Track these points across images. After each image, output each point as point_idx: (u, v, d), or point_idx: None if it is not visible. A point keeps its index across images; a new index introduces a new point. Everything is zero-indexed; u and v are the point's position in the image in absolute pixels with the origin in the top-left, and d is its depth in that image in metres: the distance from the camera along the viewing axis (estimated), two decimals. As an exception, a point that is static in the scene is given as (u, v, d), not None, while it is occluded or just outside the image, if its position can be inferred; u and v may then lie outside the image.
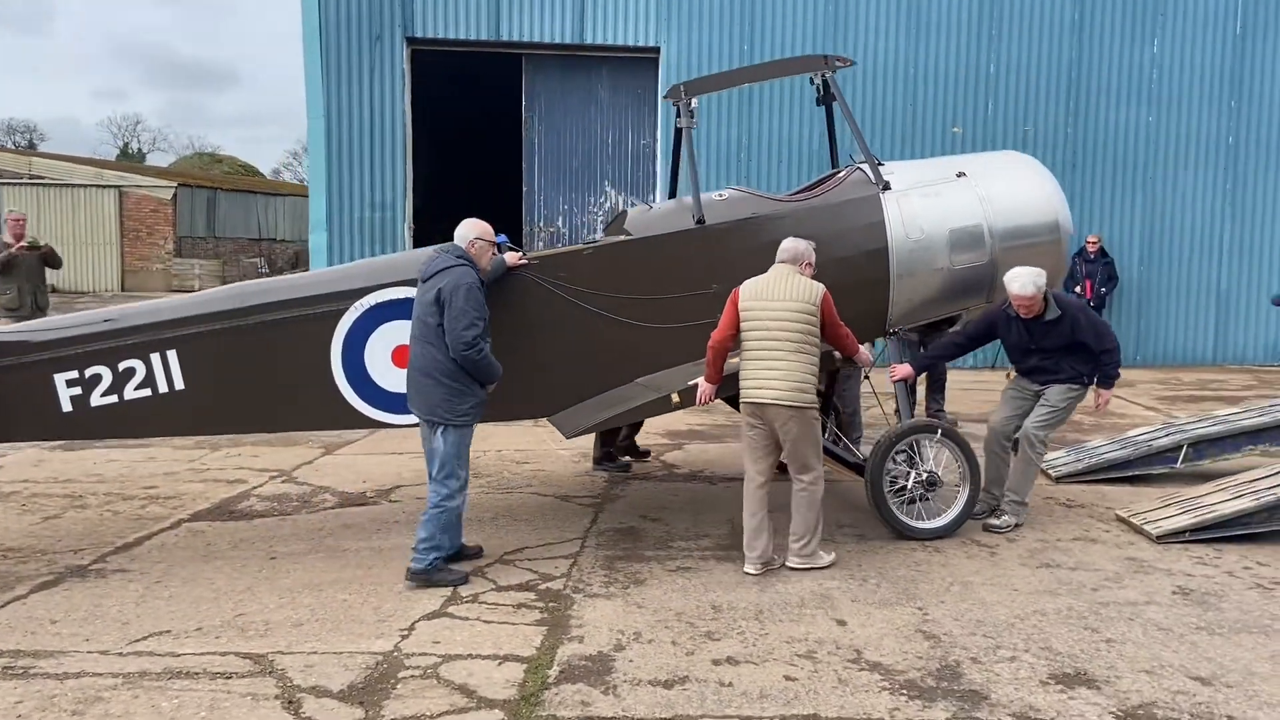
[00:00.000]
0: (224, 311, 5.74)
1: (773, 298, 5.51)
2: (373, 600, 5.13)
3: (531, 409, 6.43)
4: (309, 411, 5.95)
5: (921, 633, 4.72)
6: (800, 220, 6.30)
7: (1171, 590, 5.34)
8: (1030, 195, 6.64)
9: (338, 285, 5.94)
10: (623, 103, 14.86)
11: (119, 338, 5.55)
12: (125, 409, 5.55)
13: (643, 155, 14.93)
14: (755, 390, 5.52)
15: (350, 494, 7.31)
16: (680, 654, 4.47)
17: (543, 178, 14.91)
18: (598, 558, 5.82)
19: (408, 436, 9.23)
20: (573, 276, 6.10)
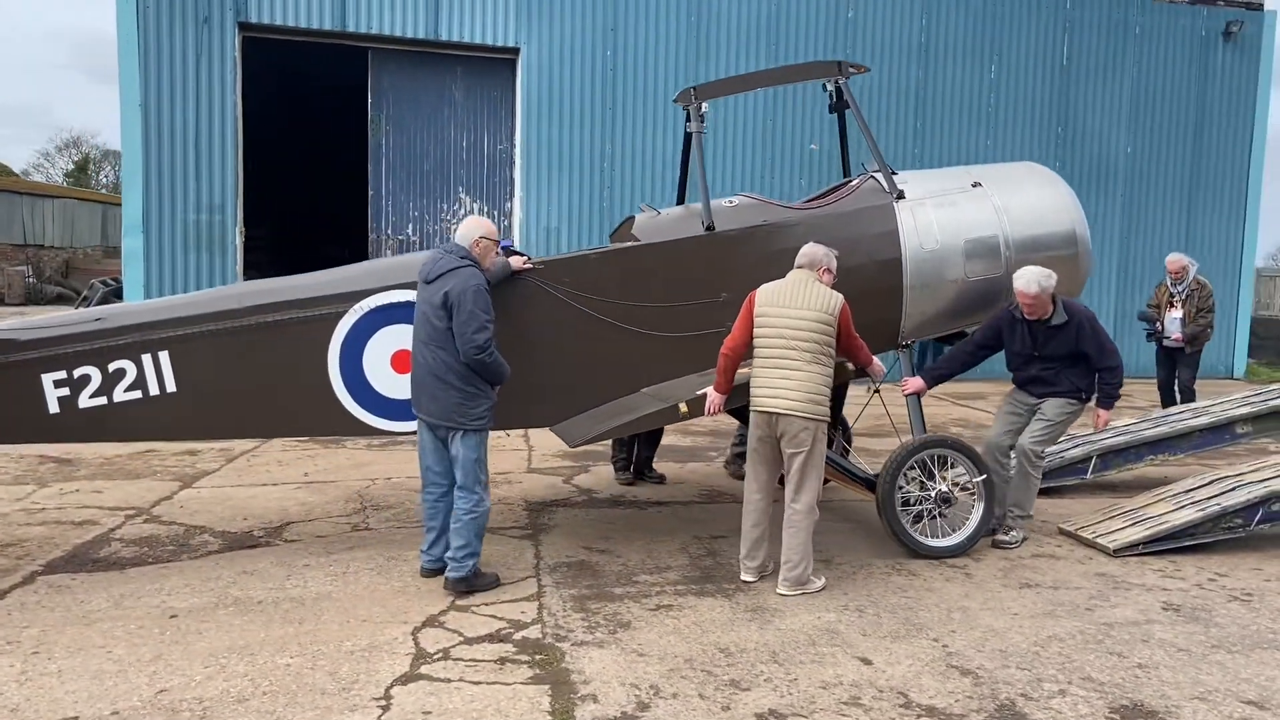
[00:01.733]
0: (219, 312, 5.48)
1: (791, 305, 5.25)
2: (323, 663, 4.30)
3: (534, 418, 6.01)
4: (304, 417, 5.67)
5: (955, 669, 4.37)
6: (812, 228, 6.09)
7: (1161, 607, 5.24)
8: (1047, 206, 6.55)
9: (337, 287, 5.66)
10: (478, 105, 14.10)
11: (109, 337, 5.30)
12: (115, 411, 5.30)
13: (500, 161, 14.21)
14: (768, 399, 5.22)
15: (234, 534, 6.30)
16: (715, 709, 3.93)
17: (392, 181, 13.92)
18: (564, 598, 5.18)
19: (282, 464, 8.30)
20: (579, 282, 5.85)
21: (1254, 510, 6.25)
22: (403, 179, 14.00)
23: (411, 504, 7.07)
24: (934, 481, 5.92)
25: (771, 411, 5.24)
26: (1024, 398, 6.32)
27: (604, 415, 5.81)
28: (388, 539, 6.19)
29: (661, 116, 14.05)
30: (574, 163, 13.96)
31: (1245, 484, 6.44)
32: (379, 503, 7.10)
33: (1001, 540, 6.15)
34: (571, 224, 13.96)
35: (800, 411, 5.18)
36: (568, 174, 13.96)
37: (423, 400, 5.17)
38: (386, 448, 9.10)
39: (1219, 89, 16.41)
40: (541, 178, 13.91)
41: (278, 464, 8.36)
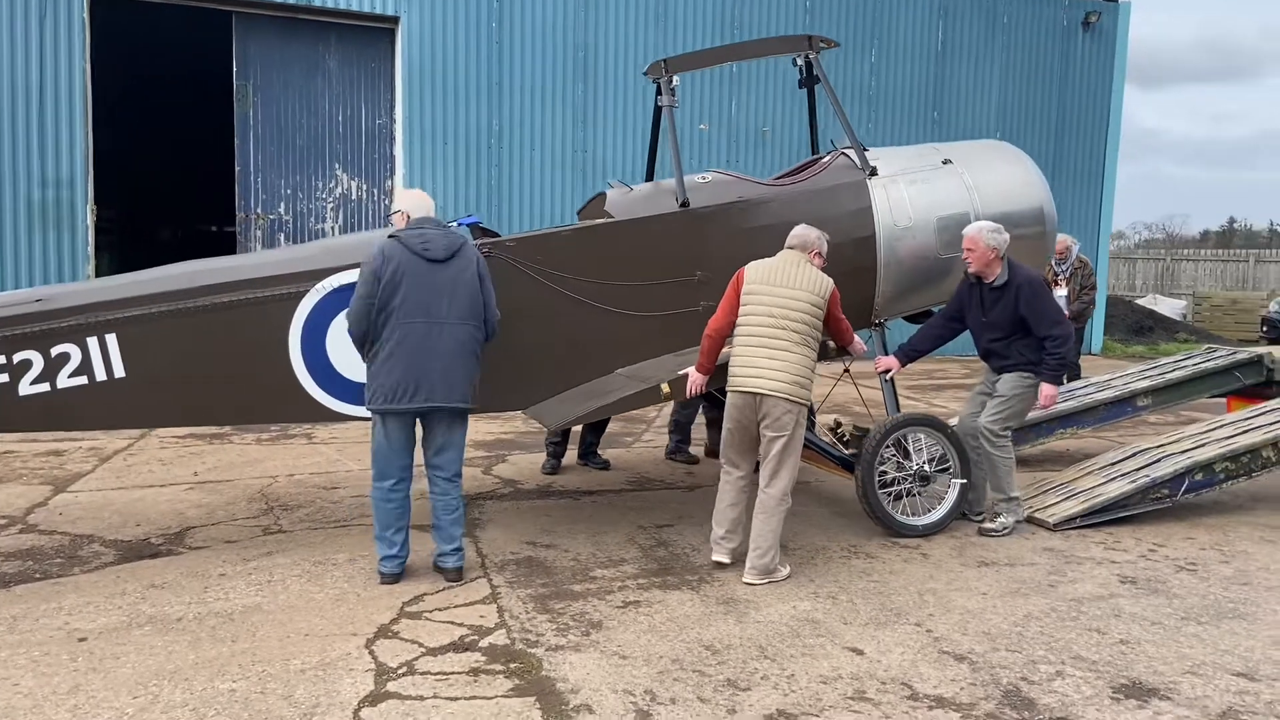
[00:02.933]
0: (171, 292, 5.11)
1: (781, 284, 5.09)
2: (273, 686, 3.82)
3: (506, 401, 5.69)
4: (263, 403, 5.32)
5: (948, 655, 4.23)
6: (787, 205, 5.96)
7: (1119, 580, 5.26)
8: (1015, 183, 6.51)
9: (297, 265, 5.33)
10: (355, 76, 13.35)
11: (51, 319, 4.92)
12: (58, 399, 4.91)
13: (379, 136, 13.50)
14: (752, 379, 5.03)
15: (128, 543, 5.66)
16: (720, 713, 3.67)
17: (261, 157, 13.03)
18: (522, 599, 4.81)
19: (165, 462, 7.57)
20: (551, 260, 5.56)
21: (1179, 481, 6.39)
22: (273, 154, 13.13)
23: (324, 502, 6.54)
24: (910, 461, 5.82)
25: (754, 392, 5.04)
26: (989, 374, 6.25)
27: (580, 397, 5.56)
28: (307, 541, 5.67)
29: (553, 91, 13.65)
30: (460, 139, 13.40)
31: (1168, 455, 6.59)
32: (286, 502, 6.53)
33: (988, 529, 5.95)
34: (459, 203, 13.39)
35: (785, 394, 5.00)
36: (454, 151, 13.40)
37: (433, 383, 4.78)
38: (278, 441, 8.46)
39: (1079, 77, 17.10)
40: (426, 155, 13.30)
41: (160, 463, 7.63)
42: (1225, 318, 23.46)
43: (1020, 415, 6.04)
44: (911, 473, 5.85)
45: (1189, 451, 6.60)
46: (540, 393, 5.69)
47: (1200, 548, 5.89)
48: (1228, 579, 5.32)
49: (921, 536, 5.87)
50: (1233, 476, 6.53)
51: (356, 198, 13.53)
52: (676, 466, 7.83)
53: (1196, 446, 6.67)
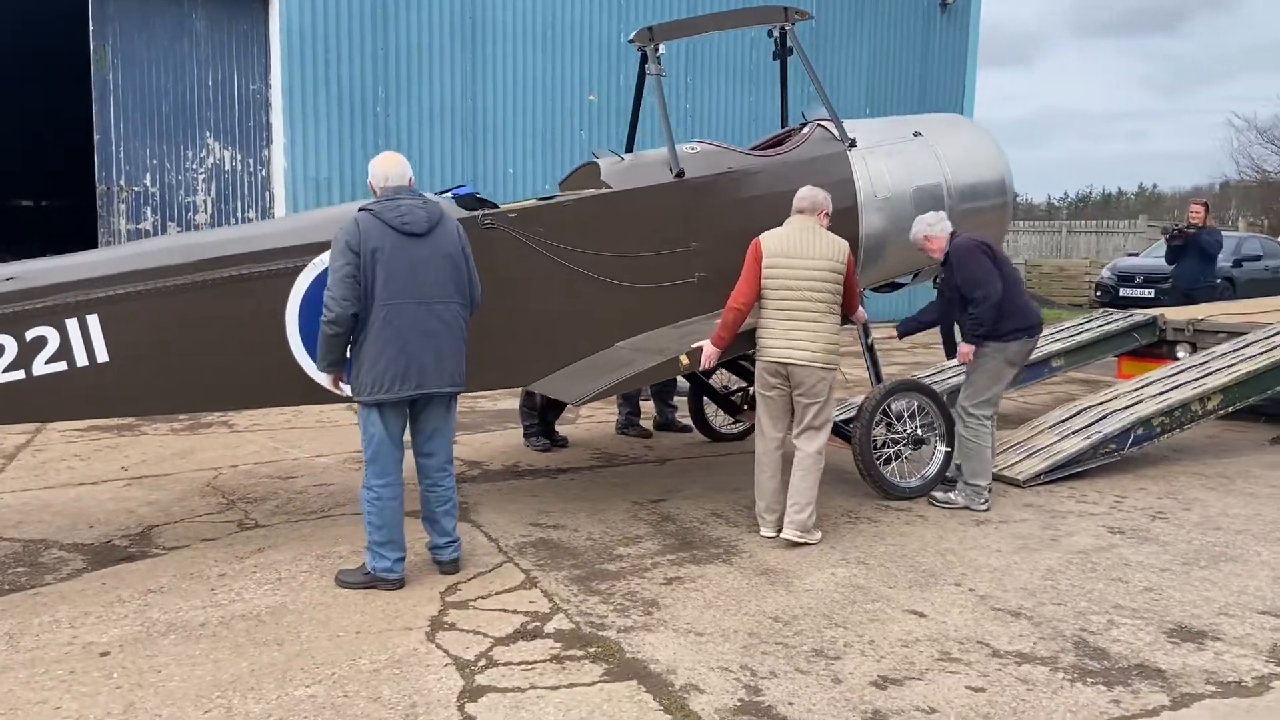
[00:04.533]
0: (157, 269, 4.70)
1: (802, 254, 5.08)
2: (353, 689, 3.55)
3: (508, 377, 5.51)
4: (259, 387, 4.97)
5: (1003, 612, 4.36)
6: (774, 175, 5.99)
7: (1108, 531, 5.55)
8: (980, 155, 6.69)
9: (291, 239, 4.97)
10: (225, 38, 12.48)
11: (25, 299, 4.47)
12: (34, 387, 4.48)
13: (253, 102, 12.69)
14: (785, 350, 5.05)
15: (91, 546, 5.14)
16: (826, 683, 3.65)
17: (123, 125, 12.03)
18: (561, 581, 4.66)
19: (82, 457, 6.91)
20: (551, 232, 5.37)
21: (1125, 436, 6.80)
22: (137, 121, 12.15)
23: (287, 493, 6.14)
24: (902, 425, 5.92)
25: (787, 362, 5.04)
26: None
27: (591, 371, 5.39)
28: (295, 536, 5.30)
29: (440, 58, 13.16)
30: (344, 106, 12.75)
31: (1114, 412, 7.00)
32: (246, 495, 6.08)
33: (934, 497, 5.96)
34: (345, 175, 12.76)
35: (818, 362, 5.07)
36: (337, 120, 12.74)
37: (427, 366, 4.42)
38: (196, 431, 7.87)
39: (937, 56, 17.83)
40: (308, 124, 12.60)
41: (77, 458, 6.97)
42: (1054, 284, 25.08)
43: (987, 389, 5.90)
44: (905, 436, 5.97)
45: (1129, 408, 7.02)
46: (542, 367, 5.52)
47: (1157, 497, 6.28)
48: (1198, 525, 5.70)
49: (908, 499, 6.01)
50: (1168, 430, 7.00)
51: (231, 168, 12.70)
52: (634, 441, 7.75)
53: (1135, 403, 7.10)
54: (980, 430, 5.88)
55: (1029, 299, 5.97)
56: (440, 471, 4.67)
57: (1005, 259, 5.92)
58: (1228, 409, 7.26)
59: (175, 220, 12.44)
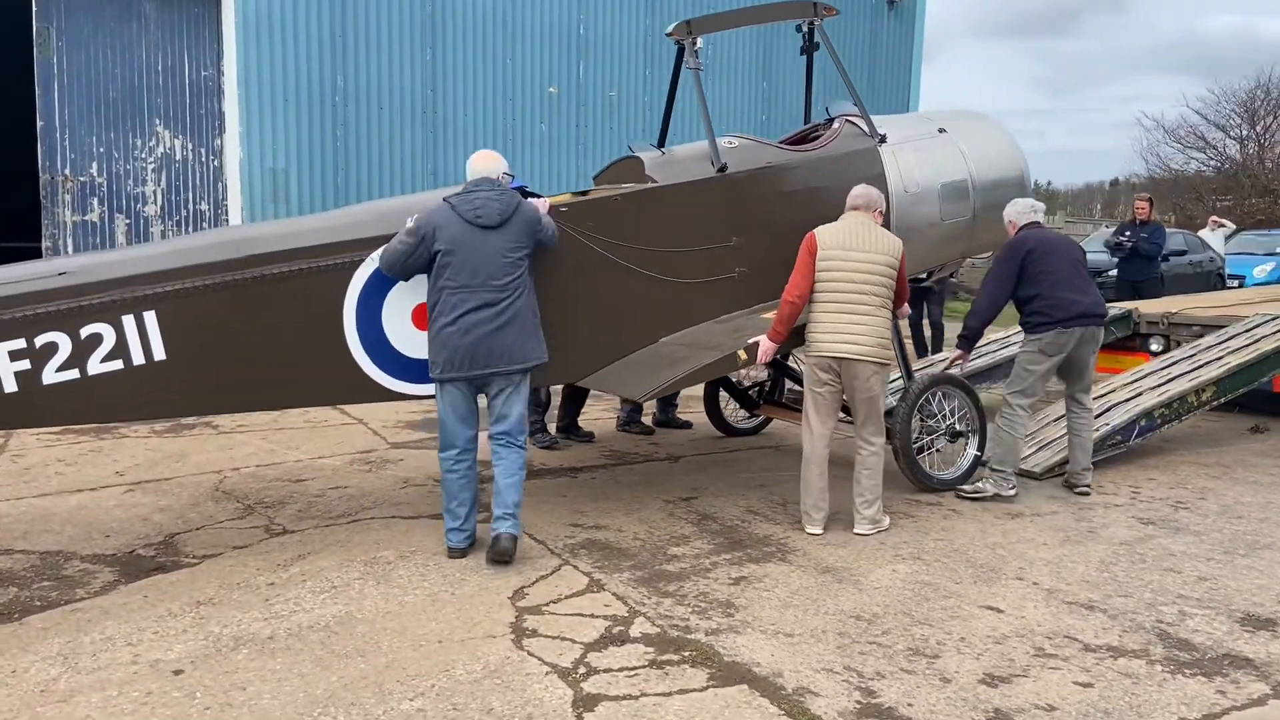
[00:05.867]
0: (215, 263, 4.53)
1: (858, 248, 5.07)
2: (459, 700, 3.39)
3: (558, 372, 5.36)
4: (318, 384, 4.84)
5: (1076, 605, 4.39)
6: (811, 170, 5.97)
7: (1140, 522, 5.65)
8: (1000, 150, 6.71)
9: (349, 232, 4.84)
10: (175, 21, 11.94)
11: (80, 295, 4.28)
12: (89, 387, 4.28)
13: (204, 89, 12.17)
14: (838, 344, 5.04)
15: (115, 557, 4.85)
16: (935, 682, 3.62)
17: (69, 111, 11.42)
18: (626, 583, 4.54)
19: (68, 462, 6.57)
20: (601, 226, 5.28)
21: (1131, 428, 6.95)
22: (83, 108, 11.54)
23: (304, 497, 5.89)
24: (938, 418, 5.96)
25: (841, 357, 5.03)
26: None
27: (644, 366, 5.32)
28: (331, 541, 5.08)
29: (399, 47, 12.81)
30: (300, 97, 12.31)
31: (1116, 405, 7.14)
32: (261, 499, 5.82)
33: (962, 490, 6.02)
34: (302, 167, 12.34)
35: (873, 356, 5.09)
36: (294, 109, 12.29)
37: (488, 351, 4.60)
38: (180, 434, 7.52)
39: (885, 53, 18.05)
40: (265, 112, 12.13)
41: (62, 463, 6.59)
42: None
43: (1023, 379, 6.03)
44: (942, 429, 6.00)
45: (1129, 401, 7.18)
46: (592, 363, 5.41)
47: (1169, 487, 6.42)
48: (1220, 514, 5.84)
49: (935, 490, 6.05)
50: (1168, 421, 7.18)
51: (181, 158, 12.17)
52: (637, 438, 7.65)
53: (1135, 396, 7.27)
54: (1013, 417, 5.99)
55: (1078, 292, 5.93)
56: (506, 449, 4.77)
57: (1051, 254, 5.94)
58: (1219, 400, 7.47)
59: (123, 212, 11.88)
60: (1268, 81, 34.05)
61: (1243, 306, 9.40)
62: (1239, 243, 22.54)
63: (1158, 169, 37.84)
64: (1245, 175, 34.07)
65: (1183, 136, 36.61)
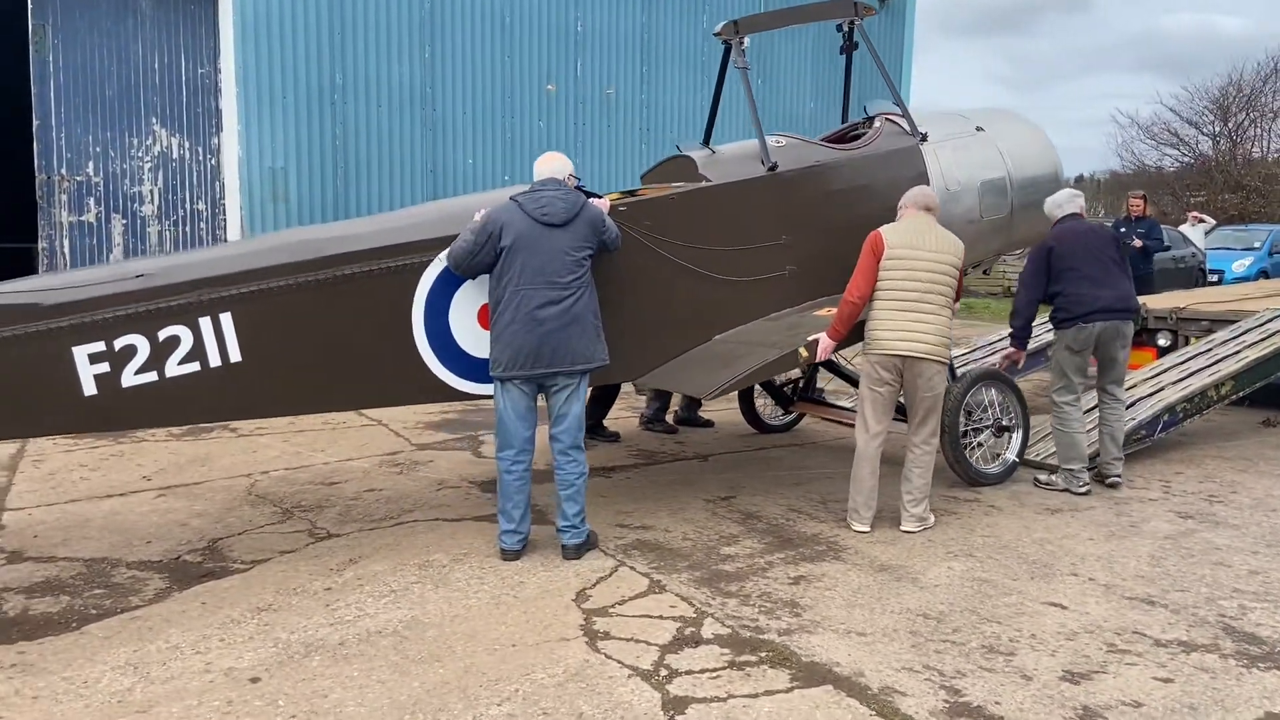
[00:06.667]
0: (289, 264, 4.50)
1: (925, 247, 5.11)
2: (547, 704, 3.34)
3: (616, 371, 5.29)
4: (388, 384, 4.80)
5: (1138, 600, 4.41)
6: (856, 169, 5.99)
7: (1178, 516, 5.70)
8: (1036, 149, 6.75)
9: (417, 233, 4.82)
10: (172, 19, 11.78)
11: (158, 297, 4.24)
12: (167, 389, 4.24)
13: (201, 87, 12.02)
14: (903, 343, 5.04)
15: (162, 563, 4.77)
16: (1017, 679, 3.62)
17: (65, 109, 11.24)
18: (687, 584, 4.51)
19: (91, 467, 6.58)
20: (658, 225, 5.27)
21: (1155, 422, 7.00)
22: (79, 107, 11.37)
23: (341, 500, 5.82)
24: (981, 414, 6.03)
25: (906, 355, 5.02)
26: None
27: (701, 365, 5.30)
28: (380, 545, 5.02)
29: (397, 44, 12.71)
30: (299, 94, 12.17)
31: (1140, 399, 7.20)
32: (297, 502, 5.75)
33: (1039, 478, 6.21)
34: (301, 165, 12.21)
35: (937, 355, 5.09)
36: (293, 107, 12.16)
37: (552, 350, 4.59)
38: (199, 437, 7.41)
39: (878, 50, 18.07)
40: (264, 110, 11.99)
41: (86, 468, 6.48)
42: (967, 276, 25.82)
43: (1059, 376, 6.15)
44: (990, 424, 6.04)
45: (1152, 396, 7.23)
46: (648, 361, 5.40)
47: (1198, 481, 6.48)
48: (1254, 507, 5.89)
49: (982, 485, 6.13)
50: (1189, 415, 7.25)
51: (178, 156, 12.02)
52: (662, 437, 7.63)
53: (1156, 391, 7.32)
54: (1061, 415, 6.06)
55: (1099, 287, 5.96)
56: (563, 455, 4.78)
57: (1075, 250, 5.98)
58: (1237, 394, 7.55)
59: (120, 212, 11.71)
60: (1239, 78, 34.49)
61: (1246, 301, 9.51)
62: (1217, 238, 22.78)
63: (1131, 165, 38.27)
64: (1218, 171, 34.49)
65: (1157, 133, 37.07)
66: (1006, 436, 6.21)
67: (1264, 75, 34.07)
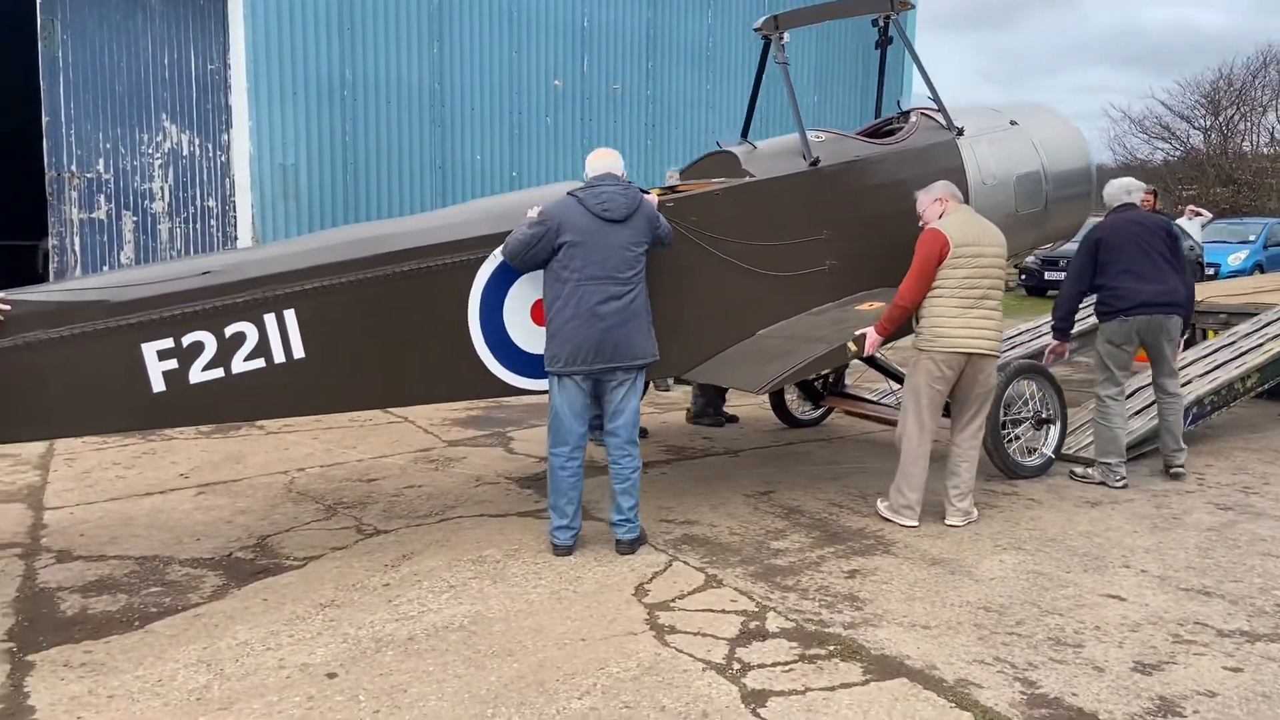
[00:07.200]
0: (350, 261, 4.50)
1: (984, 241, 5.12)
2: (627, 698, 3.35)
3: (664, 366, 5.25)
4: (445, 381, 4.81)
5: (1192, 591, 4.44)
6: (895, 163, 5.99)
7: (1218, 508, 5.73)
8: (1068, 143, 6.78)
9: (472, 229, 4.81)
10: (181, 14, 11.71)
11: (224, 294, 4.23)
12: (232, 385, 4.23)
13: (211, 83, 11.95)
14: (970, 340, 5.04)
15: (214, 560, 4.75)
16: (1090, 671, 3.64)
17: (74, 105, 11.17)
18: (743, 578, 4.52)
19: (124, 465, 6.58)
20: (704, 220, 5.27)
21: (1185, 415, 7.02)
22: (88, 103, 11.30)
23: (383, 497, 5.81)
24: (1020, 407, 6.08)
25: (973, 353, 5.05)
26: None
27: (749, 360, 5.31)
28: (430, 541, 5.01)
29: (406, 39, 12.66)
30: (309, 90, 12.11)
31: (1169, 393, 7.23)
32: (339, 499, 5.73)
33: (1074, 471, 6.25)
34: (311, 162, 12.15)
35: (998, 351, 5.16)
36: (303, 103, 12.08)
37: (611, 345, 4.58)
38: (229, 435, 7.38)
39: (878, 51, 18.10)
40: (274, 107, 11.92)
41: (120, 466, 6.45)
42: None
43: (1101, 369, 6.19)
44: (1029, 416, 6.07)
45: (1187, 387, 7.27)
46: (695, 356, 5.41)
47: (1230, 473, 6.53)
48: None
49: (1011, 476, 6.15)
50: (1217, 408, 7.30)
51: (189, 153, 11.95)
52: (694, 432, 7.64)
53: (1184, 384, 7.35)
54: (1102, 409, 6.10)
55: (1143, 281, 5.97)
56: (620, 450, 4.78)
57: (1122, 244, 6.02)
58: (1263, 386, 7.60)
59: (131, 209, 11.64)
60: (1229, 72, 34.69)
61: (1262, 294, 9.57)
62: (1212, 231, 22.87)
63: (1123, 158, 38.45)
64: (1209, 165, 34.70)
65: (1148, 127, 37.27)
66: (1045, 430, 6.23)
67: (1254, 70, 34.30)
